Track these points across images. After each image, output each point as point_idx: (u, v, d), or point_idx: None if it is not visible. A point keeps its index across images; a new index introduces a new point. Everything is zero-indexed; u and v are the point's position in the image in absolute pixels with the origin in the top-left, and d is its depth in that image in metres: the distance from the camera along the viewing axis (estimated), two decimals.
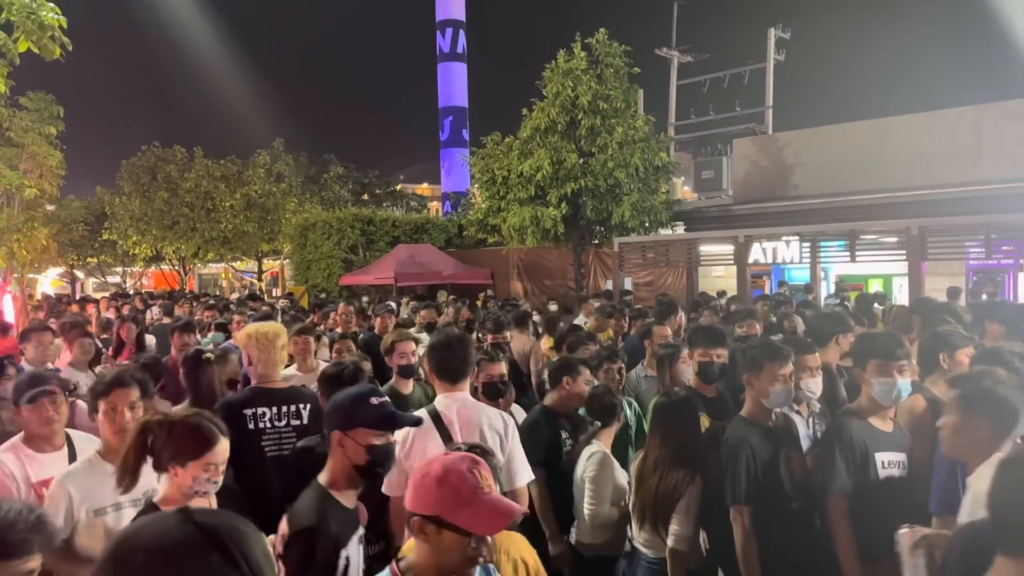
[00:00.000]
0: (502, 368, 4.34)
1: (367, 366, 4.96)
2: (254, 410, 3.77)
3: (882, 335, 3.75)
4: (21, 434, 3.31)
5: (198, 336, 7.48)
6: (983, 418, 2.61)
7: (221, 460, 2.54)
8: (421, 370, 4.92)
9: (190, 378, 4.57)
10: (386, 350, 4.87)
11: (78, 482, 2.92)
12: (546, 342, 7.11)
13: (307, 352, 5.60)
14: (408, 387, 4.81)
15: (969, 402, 2.67)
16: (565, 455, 4.06)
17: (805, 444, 3.63)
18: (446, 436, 3.32)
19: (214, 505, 2.57)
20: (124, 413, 3.06)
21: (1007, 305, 6.34)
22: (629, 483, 3.75)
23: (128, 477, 2.46)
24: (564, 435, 4.11)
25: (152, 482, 2.62)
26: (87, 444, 3.32)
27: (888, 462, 3.30)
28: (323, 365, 5.51)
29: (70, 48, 7.39)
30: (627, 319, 7.44)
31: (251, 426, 3.74)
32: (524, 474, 3.40)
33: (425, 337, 6.58)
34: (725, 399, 4.33)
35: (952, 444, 2.73)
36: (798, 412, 3.74)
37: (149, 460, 2.49)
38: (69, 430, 3.46)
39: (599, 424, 3.93)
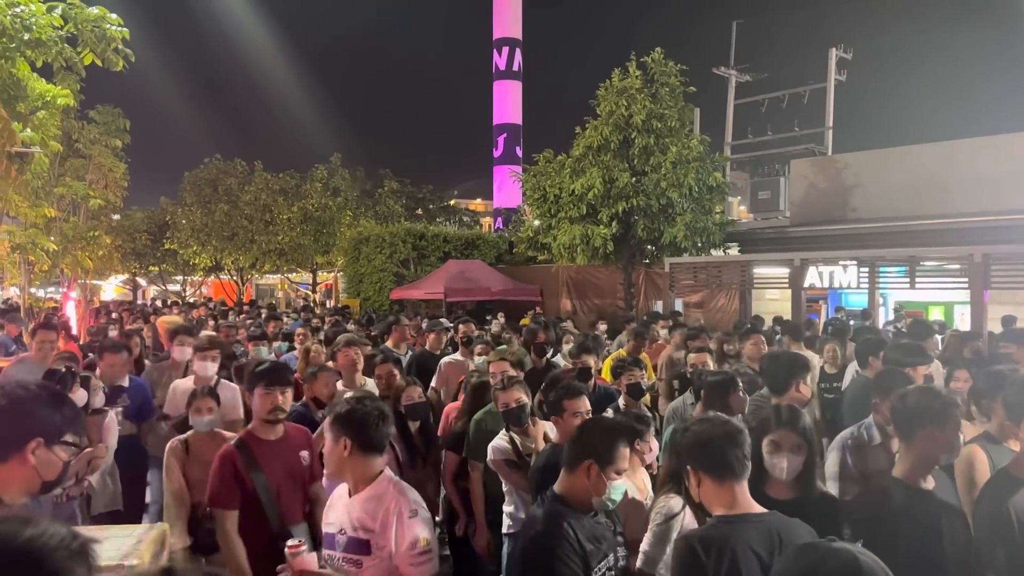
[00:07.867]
0: (518, 393, 4.22)
1: (416, 391, 4.92)
2: None
3: None
4: None
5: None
6: None
7: None
8: None
9: None
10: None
11: None
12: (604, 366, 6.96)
13: (354, 366, 5.59)
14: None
15: None
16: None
17: None
18: None
19: None
20: None
21: None
22: None
23: None
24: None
25: None
26: None
27: None
28: (370, 383, 5.51)
29: (132, 60, 7.59)
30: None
31: None
32: None
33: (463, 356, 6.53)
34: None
35: None
36: None
37: None
38: None
39: None
